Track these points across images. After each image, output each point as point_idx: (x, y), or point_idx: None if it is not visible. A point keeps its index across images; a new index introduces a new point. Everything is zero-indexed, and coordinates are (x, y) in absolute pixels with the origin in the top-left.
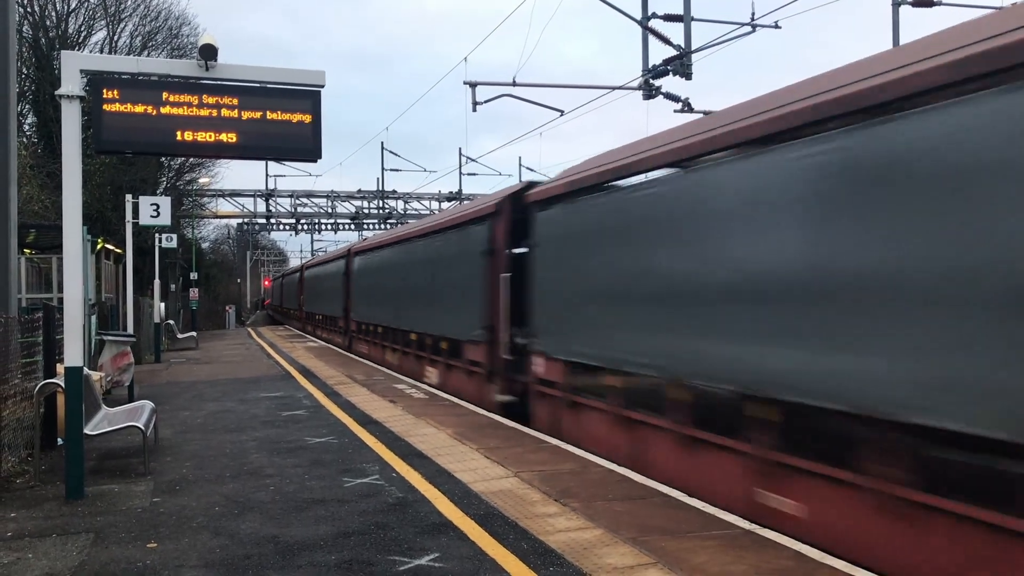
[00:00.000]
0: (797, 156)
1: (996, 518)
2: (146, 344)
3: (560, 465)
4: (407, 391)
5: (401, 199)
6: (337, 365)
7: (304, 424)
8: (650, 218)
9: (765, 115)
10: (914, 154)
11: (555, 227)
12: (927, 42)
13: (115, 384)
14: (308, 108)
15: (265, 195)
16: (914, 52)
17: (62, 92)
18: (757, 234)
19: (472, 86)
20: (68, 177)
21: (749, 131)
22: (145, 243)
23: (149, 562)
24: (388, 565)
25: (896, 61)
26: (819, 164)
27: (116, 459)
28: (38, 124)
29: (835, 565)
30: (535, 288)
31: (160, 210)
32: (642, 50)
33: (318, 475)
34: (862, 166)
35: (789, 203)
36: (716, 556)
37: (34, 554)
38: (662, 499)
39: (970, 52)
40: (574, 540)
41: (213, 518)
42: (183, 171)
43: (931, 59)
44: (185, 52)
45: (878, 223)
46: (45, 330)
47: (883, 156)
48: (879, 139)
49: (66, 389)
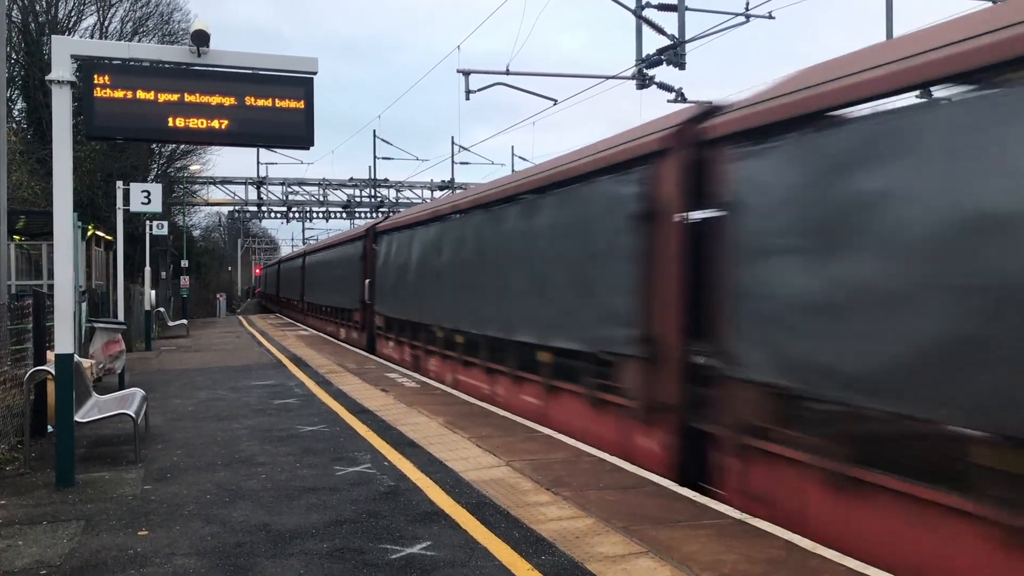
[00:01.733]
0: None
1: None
2: (137, 332)
3: (551, 454)
4: (399, 380)
5: (393, 187)
6: (328, 354)
7: (296, 412)
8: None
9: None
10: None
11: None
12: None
13: (106, 372)
14: (301, 95)
15: (256, 183)
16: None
17: (52, 77)
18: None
19: (465, 74)
20: (59, 163)
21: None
22: (136, 230)
23: (140, 550)
24: (380, 553)
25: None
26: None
27: (107, 447)
28: (28, 110)
29: (825, 555)
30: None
31: (151, 197)
32: (636, 39)
33: (310, 463)
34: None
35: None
36: (707, 545)
37: (24, 541)
38: (654, 488)
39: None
40: (566, 529)
41: (204, 506)
42: (174, 158)
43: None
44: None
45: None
46: (35, 317)
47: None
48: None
49: (56, 376)
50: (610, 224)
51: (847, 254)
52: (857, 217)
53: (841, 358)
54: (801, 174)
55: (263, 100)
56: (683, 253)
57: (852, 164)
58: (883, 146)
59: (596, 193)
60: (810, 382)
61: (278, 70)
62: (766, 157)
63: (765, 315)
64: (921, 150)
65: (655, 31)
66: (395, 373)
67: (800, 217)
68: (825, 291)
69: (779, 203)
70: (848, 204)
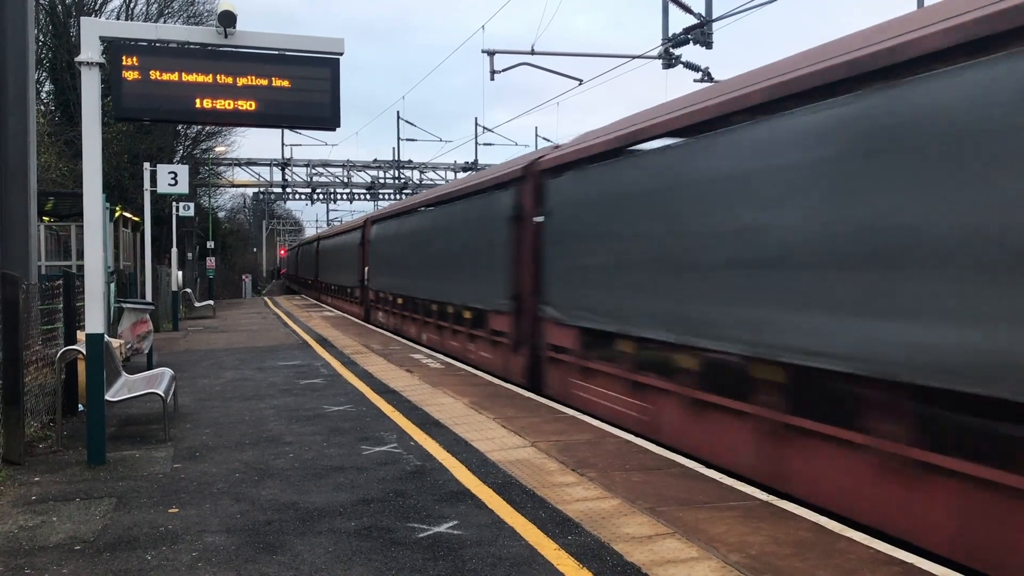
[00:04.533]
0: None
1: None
2: (164, 312)
3: (577, 435)
4: (423, 361)
5: (417, 169)
6: (354, 335)
7: (322, 392)
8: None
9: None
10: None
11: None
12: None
13: (134, 352)
14: (327, 76)
15: (281, 164)
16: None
17: (82, 59)
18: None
19: (490, 54)
20: (88, 145)
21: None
22: (162, 211)
23: (171, 527)
24: (407, 532)
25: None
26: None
27: (136, 425)
28: (55, 92)
29: (854, 537)
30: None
31: (178, 178)
32: (662, 18)
33: (336, 443)
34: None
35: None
36: (734, 527)
37: (58, 517)
38: (679, 470)
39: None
40: (592, 510)
41: (233, 484)
42: (199, 140)
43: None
44: (201, 20)
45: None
46: (65, 297)
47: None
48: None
49: (88, 356)
50: (497, 222)
51: (591, 242)
52: (596, 222)
53: (586, 302)
54: (570, 196)
55: (290, 81)
56: (534, 242)
57: (591, 192)
58: (603, 181)
59: (488, 201)
60: (572, 317)
61: (304, 51)
62: (559, 184)
63: (555, 279)
64: (598, 189)
65: (682, 9)
66: (420, 354)
67: (573, 220)
68: (580, 265)
69: (564, 212)
70: (592, 214)
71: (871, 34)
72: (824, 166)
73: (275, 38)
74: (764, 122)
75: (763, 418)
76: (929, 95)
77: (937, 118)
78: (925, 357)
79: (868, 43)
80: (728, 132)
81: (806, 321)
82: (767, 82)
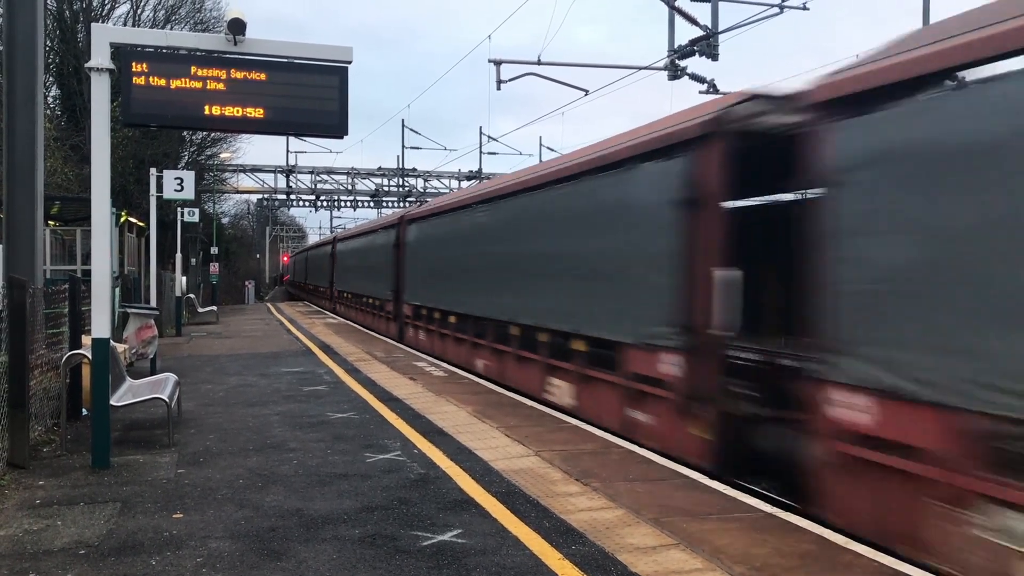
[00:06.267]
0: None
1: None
2: (168, 317)
3: (581, 445)
4: (427, 369)
5: (421, 177)
6: (356, 342)
7: (325, 399)
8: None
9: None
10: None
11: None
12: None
13: (138, 357)
14: (335, 84)
15: (286, 171)
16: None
17: (92, 65)
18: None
19: (497, 64)
20: (97, 150)
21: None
22: (167, 217)
23: (176, 532)
24: (411, 540)
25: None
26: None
27: (140, 430)
28: (62, 97)
29: (857, 550)
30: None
31: (184, 184)
32: (668, 30)
33: (340, 450)
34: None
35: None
36: (738, 538)
37: (63, 522)
38: (684, 480)
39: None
40: (596, 519)
41: (237, 490)
42: (204, 146)
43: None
44: (208, 26)
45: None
46: (71, 302)
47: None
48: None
49: (93, 360)
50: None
51: (451, 256)
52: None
53: (425, 294)
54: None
55: (298, 89)
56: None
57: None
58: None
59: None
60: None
61: (313, 59)
62: (417, 225)
63: (415, 277)
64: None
65: (688, 21)
66: (423, 362)
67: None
68: (433, 269)
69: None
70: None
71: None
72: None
73: (284, 46)
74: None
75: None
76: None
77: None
78: (550, 317)
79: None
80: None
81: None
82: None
